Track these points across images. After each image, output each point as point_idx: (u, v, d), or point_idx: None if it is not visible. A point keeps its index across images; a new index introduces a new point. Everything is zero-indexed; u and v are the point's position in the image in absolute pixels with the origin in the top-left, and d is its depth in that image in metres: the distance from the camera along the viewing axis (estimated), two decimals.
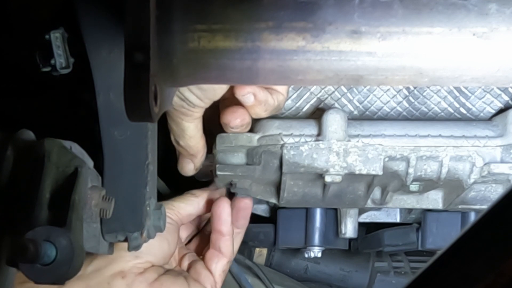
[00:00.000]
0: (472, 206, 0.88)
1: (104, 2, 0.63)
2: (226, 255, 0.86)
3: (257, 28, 0.54)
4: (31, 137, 0.62)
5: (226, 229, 0.86)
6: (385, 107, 0.87)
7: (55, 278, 0.52)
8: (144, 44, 0.49)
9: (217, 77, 0.57)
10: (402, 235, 1.00)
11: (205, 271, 0.86)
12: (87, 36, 0.64)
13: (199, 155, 0.84)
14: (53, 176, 0.58)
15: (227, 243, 0.86)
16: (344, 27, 0.54)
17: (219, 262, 0.86)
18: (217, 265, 0.86)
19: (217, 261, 0.86)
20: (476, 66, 0.56)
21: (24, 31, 0.85)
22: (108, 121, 0.66)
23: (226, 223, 0.86)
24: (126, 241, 0.68)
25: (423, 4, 0.54)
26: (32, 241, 0.50)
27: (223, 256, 0.86)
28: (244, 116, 0.79)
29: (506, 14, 0.54)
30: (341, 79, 0.57)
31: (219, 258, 0.86)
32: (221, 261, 0.86)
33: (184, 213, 0.88)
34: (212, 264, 0.86)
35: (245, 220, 0.90)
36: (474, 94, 0.87)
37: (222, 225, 0.86)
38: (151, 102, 0.49)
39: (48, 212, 0.57)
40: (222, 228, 0.86)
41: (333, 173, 0.79)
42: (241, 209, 0.89)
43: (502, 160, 0.81)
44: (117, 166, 0.67)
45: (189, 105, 0.75)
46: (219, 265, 0.86)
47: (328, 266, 1.12)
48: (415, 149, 0.81)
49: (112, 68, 0.64)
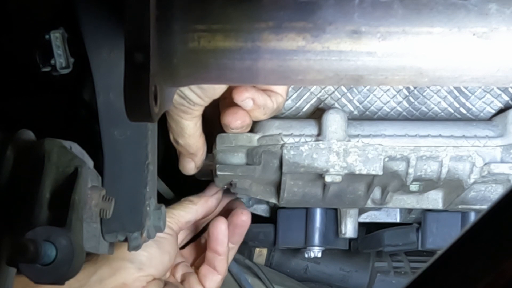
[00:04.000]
0: (472, 206, 0.88)
1: (104, 2, 0.63)
2: (221, 273, 0.88)
3: (257, 28, 0.54)
4: (31, 137, 0.62)
5: (222, 249, 0.87)
6: (385, 107, 0.87)
7: (55, 278, 0.52)
8: (144, 44, 0.49)
9: (217, 77, 0.57)
10: (402, 235, 1.00)
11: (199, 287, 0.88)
12: (87, 36, 0.64)
13: (199, 154, 0.84)
14: (53, 176, 0.58)
15: (223, 262, 0.88)
16: (344, 27, 0.54)
17: (213, 279, 0.88)
18: (211, 282, 0.88)
19: (211, 278, 0.88)
20: (476, 66, 0.56)
21: (24, 31, 0.85)
22: (108, 121, 0.66)
23: (223, 244, 0.87)
24: (126, 241, 0.68)
25: (423, 4, 0.54)
26: (32, 241, 0.50)
27: (217, 274, 0.88)
28: (244, 118, 0.79)
29: (506, 14, 0.54)
30: (341, 79, 0.57)
31: (213, 276, 0.88)
32: (215, 278, 0.88)
33: (183, 220, 0.89)
34: (206, 281, 0.88)
35: (241, 237, 0.92)
36: (474, 94, 0.87)
37: (218, 245, 0.87)
38: (151, 102, 0.49)
39: (48, 212, 0.57)
40: (218, 248, 0.87)
41: (333, 173, 0.79)
42: (238, 226, 0.90)
43: (502, 160, 0.81)
44: (117, 166, 0.67)
45: (189, 103, 0.75)
46: (213, 282, 0.88)
47: (328, 266, 1.12)
48: (415, 149, 0.81)
49: (112, 68, 0.64)
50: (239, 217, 0.89)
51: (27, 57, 0.67)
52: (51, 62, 0.66)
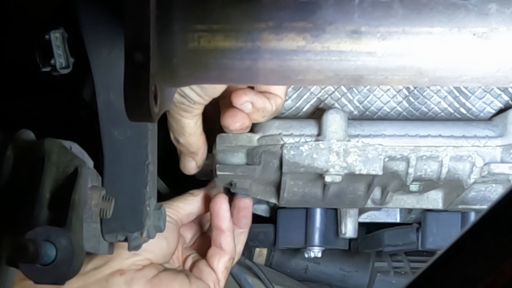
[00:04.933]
0: (472, 206, 0.88)
1: (104, 2, 0.63)
2: (228, 252, 0.86)
3: (257, 28, 0.54)
4: (31, 137, 0.62)
5: (225, 225, 0.86)
6: (385, 107, 0.87)
7: (55, 278, 0.52)
8: (144, 44, 0.49)
9: (217, 77, 0.57)
10: (402, 235, 1.00)
11: (207, 268, 0.86)
12: (87, 36, 0.64)
13: (200, 152, 0.84)
14: (53, 176, 0.58)
15: (228, 239, 0.86)
16: (344, 27, 0.54)
17: (221, 259, 0.86)
18: (219, 262, 0.86)
19: (218, 258, 0.86)
20: (476, 66, 0.56)
21: (24, 31, 0.85)
22: (108, 121, 0.66)
23: (225, 219, 0.86)
24: (126, 241, 0.68)
25: (423, 4, 0.54)
26: (32, 241, 0.50)
27: (224, 253, 0.86)
28: (243, 121, 0.79)
29: (506, 14, 0.54)
30: (341, 79, 0.57)
31: (220, 255, 0.86)
32: (223, 258, 0.86)
33: (183, 212, 0.88)
34: (213, 261, 0.86)
35: (247, 219, 0.90)
36: (474, 94, 0.87)
37: (221, 222, 0.86)
38: (151, 102, 0.49)
39: (48, 212, 0.57)
40: (221, 224, 0.86)
41: (333, 173, 0.79)
42: (241, 209, 0.88)
43: (502, 160, 0.81)
44: (117, 166, 0.67)
45: (189, 101, 0.75)
46: (221, 262, 0.86)
47: (328, 266, 1.12)
48: (415, 149, 0.81)
49: (112, 68, 0.64)
50: (240, 200, 0.88)
51: (27, 57, 0.67)
52: (51, 62, 0.66)
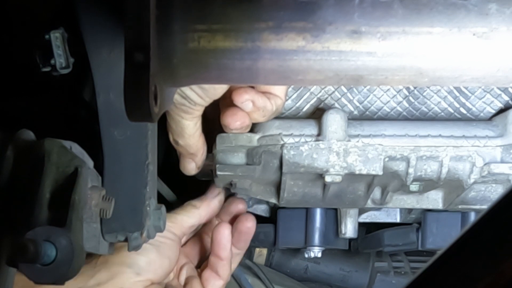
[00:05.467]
0: (472, 206, 0.88)
1: (104, 2, 0.63)
2: (223, 278, 0.88)
3: (257, 28, 0.54)
4: (31, 137, 0.62)
5: (225, 254, 0.87)
6: (385, 107, 0.87)
7: (55, 278, 0.52)
8: (144, 44, 0.49)
9: (217, 77, 0.57)
10: (402, 235, 1.00)
11: None
12: (87, 36, 0.64)
13: (199, 154, 0.84)
14: (53, 176, 0.58)
15: (226, 267, 0.87)
16: (344, 27, 0.54)
17: (215, 284, 0.88)
18: (213, 287, 0.88)
19: (213, 283, 0.88)
20: (476, 66, 0.56)
21: (24, 31, 0.85)
22: (108, 121, 0.66)
23: (226, 249, 0.87)
24: (126, 241, 0.68)
25: (423, 4, 0.54)
26: (32, 241, 0.50)
27: (219, 279, 0.88)
28: (244, 119, 0.79)
29: (506, 14, 0.54)
30: (341, 79, 0.57)
31: (216, 280, 0.88)
32: (218, 282, 0.88)
33: (186, 225, 0.89)
34: (208, 285, 0.88)
35: (246, 243, 0.91)
36: (474, 94, 0.87)
37: (221, 251, 0.87)
38: (151, 102, 0.49)
39: (48, 212, 0.57)
40: (221, 253, 0.87)
41: (333, 173, 0.79)
42: (243, 233, 0.90)
43: (502, 160, 0.81)
44: (117, 166, 0.67)
45: (190, 103, 0.75)
46: (214, 287, 0.88)
47: (328, 266, 1.12)
48: (415, 149, 0.81)
49: (112, 68, 0.64)
50: (244, 223, 0.89)
51: (27, 57, 0.67)
52: (51, 62, 0.66)
